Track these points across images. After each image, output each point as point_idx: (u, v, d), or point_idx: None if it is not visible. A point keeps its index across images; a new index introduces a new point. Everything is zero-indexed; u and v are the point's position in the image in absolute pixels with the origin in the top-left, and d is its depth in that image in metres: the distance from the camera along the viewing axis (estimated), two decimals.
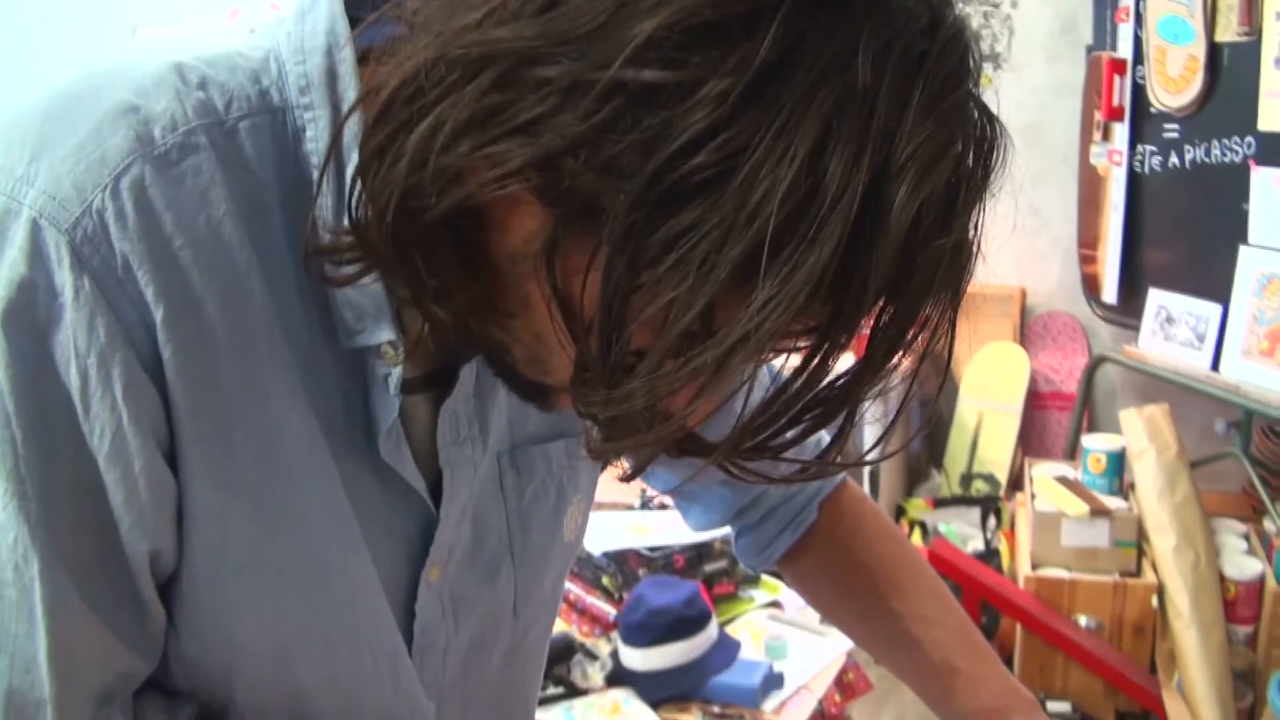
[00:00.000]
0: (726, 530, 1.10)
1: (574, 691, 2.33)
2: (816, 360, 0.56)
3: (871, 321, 0.57)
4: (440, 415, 0.73)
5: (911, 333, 0.57)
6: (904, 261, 0.53)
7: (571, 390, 0.59)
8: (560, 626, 2.51)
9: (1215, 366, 3.33)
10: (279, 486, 0.67)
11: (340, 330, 0.67)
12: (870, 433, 0.68)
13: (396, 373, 0.67)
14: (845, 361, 0.57)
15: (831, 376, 0.58)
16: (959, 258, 0.57)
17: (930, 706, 1.00)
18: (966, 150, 0.55)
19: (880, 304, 0.56)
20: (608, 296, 0.54)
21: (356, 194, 0.60)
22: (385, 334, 0.66)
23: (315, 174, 0.64)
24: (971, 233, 0.57)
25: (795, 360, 0.58)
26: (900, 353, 0.58)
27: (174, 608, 0.69)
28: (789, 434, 0.59)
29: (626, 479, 0.63)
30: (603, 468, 0.94)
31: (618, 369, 0.55)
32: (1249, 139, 3.24)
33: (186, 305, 0.62)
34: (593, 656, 2.38)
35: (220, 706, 0.72)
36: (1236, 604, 3.26)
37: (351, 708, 0.75)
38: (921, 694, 1.02)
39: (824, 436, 0.64)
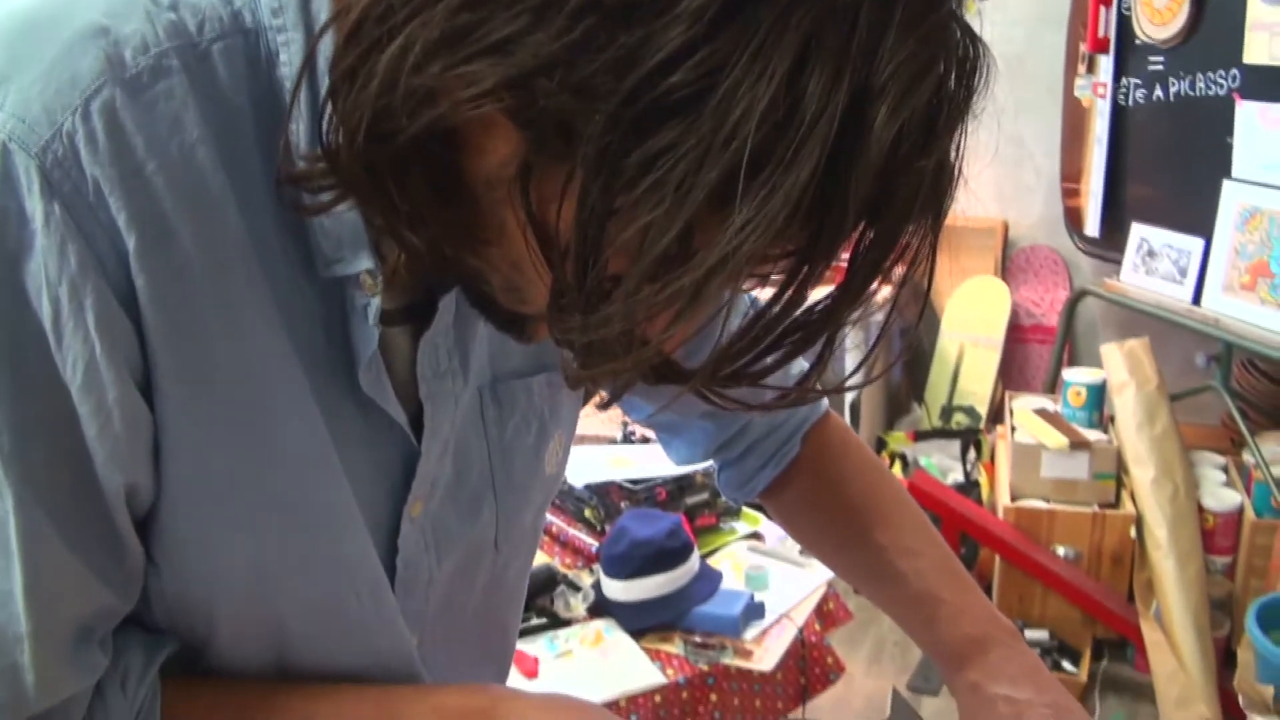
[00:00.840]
0: (708, 463, 1.10)
1: (557, 622, 2.35)
2: (795, 285, 0.55)
3: (851, 247, 0.56)
4: (420, 348, 0.72)
5: (892, 257, 0.56)
6: (884, 183, 0.52)
7: (548, 317, 0.58)
8: (543, 558, 2.52)
9: (1196, 300, 3.34)
10: (258, 419, 0.66)
11: (318, 260, 0.66)
12: (852, 361, 0.68)
13: (375, 302, 0.66)
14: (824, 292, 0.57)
15: (811, 302, 0.57)
16: (940, 180, 0.56)
17: (912, 636, 1.01)
18: (949, 70, 0.54)
19: (860, 228, 0.55)
20: (583, 221, 0.53)
21: (328, 117, 0.59)
22: (363, 263, 0.65)
23: (289, 98, 0.62)
24: (953, 155, 0.56)
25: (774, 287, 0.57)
26: (880, 277, 0.57)
27: (153, 543, 0.68)
28: (768, 360, 0.58)
29: (604, 406, 0.62)
30: (584, 401, 0.93)
31: (594, 294, 0.54)
32: (1234, 72, 3.23)
33: (159, 233, 0.60)
34: (575, 588, 2.39)
35: (202, 642, 0.72)
36: (1214, 535, 3.30)
37: (333, 641, 0.75)
38: (903, 624, 1.02)
39: (804, 364, 0.63)
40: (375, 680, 0.77)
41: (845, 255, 0.57)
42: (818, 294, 0.58)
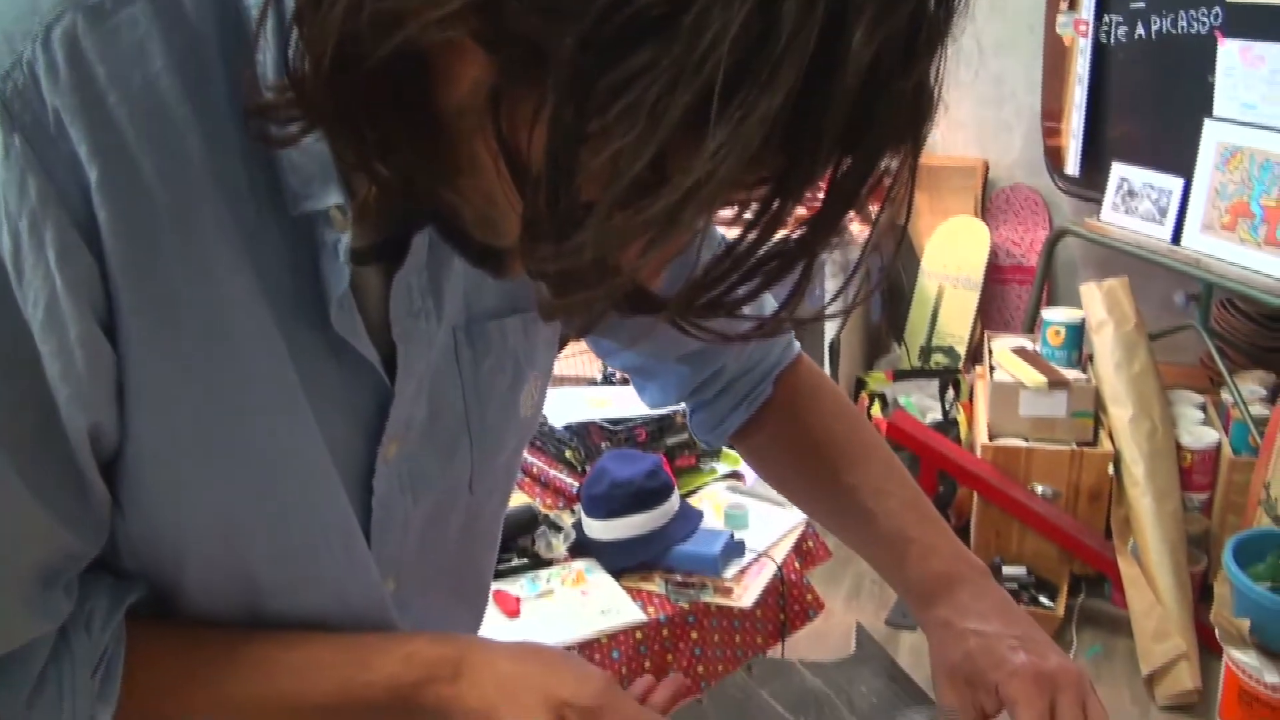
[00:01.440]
0: (681, 405, 1.10)
1: (538, 562, 2.36)
2: (771, 212, 0.54)
3: (829, 175, 0.55)
4: (393, 287, 0.71)
5: (869, 184, 0.55)
6: (862, 106, 0.50)
7: (520, 247, 0.57)
8: (523, 499, 2.53)
9: (1176, 240, 3.35)
10: (225, 360, 0.65)
11: (286, 197, 0.64)
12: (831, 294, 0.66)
13: (345, 238, 0.64)
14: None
15: (787, 230, 0.56)
16: (919, 104, 0.54)
17: (883, 575, 1.02)
18: None
19: (838, 153, 0.54)
20: (554, 148, 0.52)
21: (294, 44, 0.57)
22: (332, 197, 0.63)
23: (254, 26, 0.61)
24: (932, 79, 0.55)
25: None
26: (858, 203, 0.56)
27: (120, 488, 0.67)
28: (743, 289, 0.57)
29: (578, 335, 0.61)
30: (560, 345, 0.92)
31: (566, 222, 0.53)
32: (1215, 9, 3.21)
33: (122, 165, 0.59)
34: (556, 528, 2.40)
35: (171, 590, 0.71)
36: (1192, 472, 3.32)
37: (304, 589, 0.74)
38: (874, 563, 1.03)
39: (771, 298, 0.62)
40: (347, 628, 0.77)
41: (822, 189, 0.56)
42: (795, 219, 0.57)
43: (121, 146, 0.59)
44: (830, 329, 3.73)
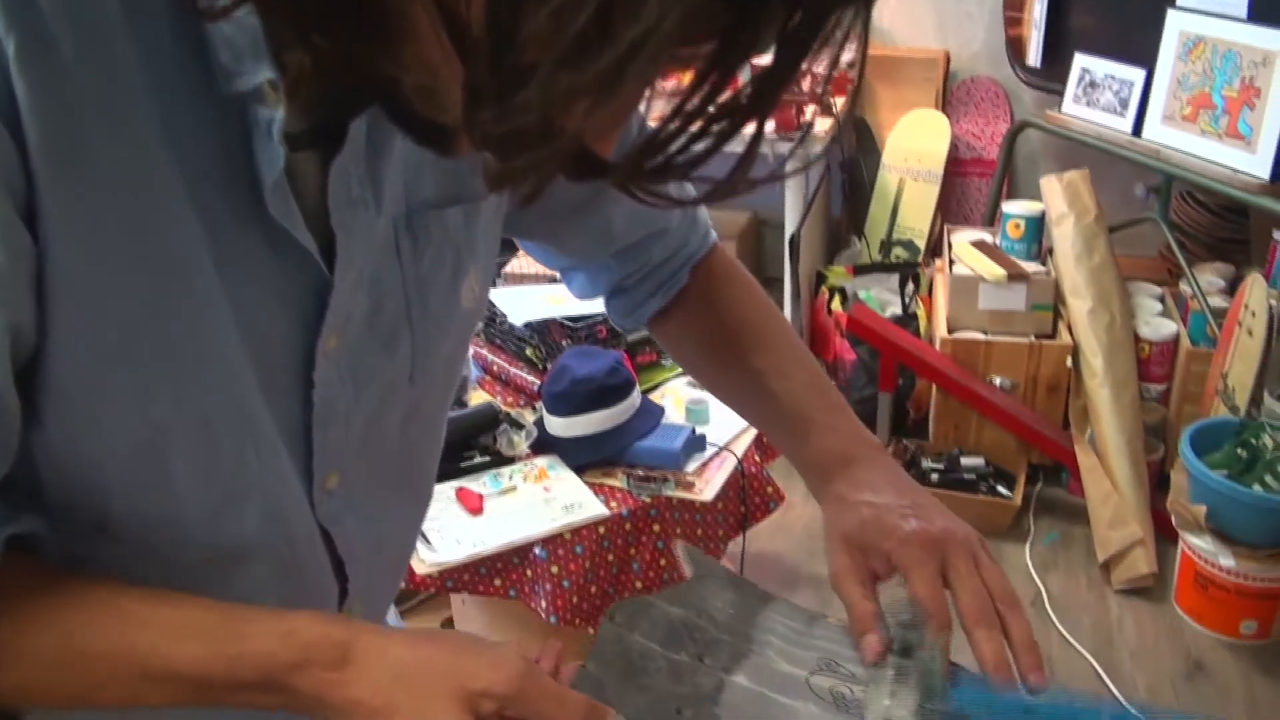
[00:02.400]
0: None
1: (501, 460, 2.36)
2: (720, 68, 0.51)
3: (779, 29, 0.52)
4: (330, 175, 0.68)
5: (821, 37, 0.52)
6: None
7: (464, 114, 0.54)
8: (485, 397, 2.52)
9: (1137, 131, 3.33)
10: (151, 252, 0.62)
11: (218, 75, 0.61)
12: (791, 200, 0.64)
13: (279, 116, 0.61)
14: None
15: (737, 89, 0.54)
16: None
17: (786, 455, 1.04)
18: None
19: (787, 7, 0.51)
20: (494, 6, 0.50)
21: None
22: (264, 73, 0.60)
23: None
24: None
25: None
26: (809, 58, 0.53)
27: (38, 397, 0.63)
28: (693, 151, 0.55)
29: (525, 203, 0.58)
30: (500, 237, 0.90)
31: (510, 83, 0.50)
32: None
33: (39, 39, 0.55)
34: (518, 426, 2.40)
35: (97, 522, 0.68)
36: (1150, 363, 3.35)
37: (231, 511, 0.71)
38: (777, 443, 1.05)
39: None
40: (276, 548, 0.74)
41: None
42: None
43: (38, 20, 0.55)
44: (790, 223, 3.70)
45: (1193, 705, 2.69)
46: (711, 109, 0.53)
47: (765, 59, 0.53)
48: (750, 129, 0.55)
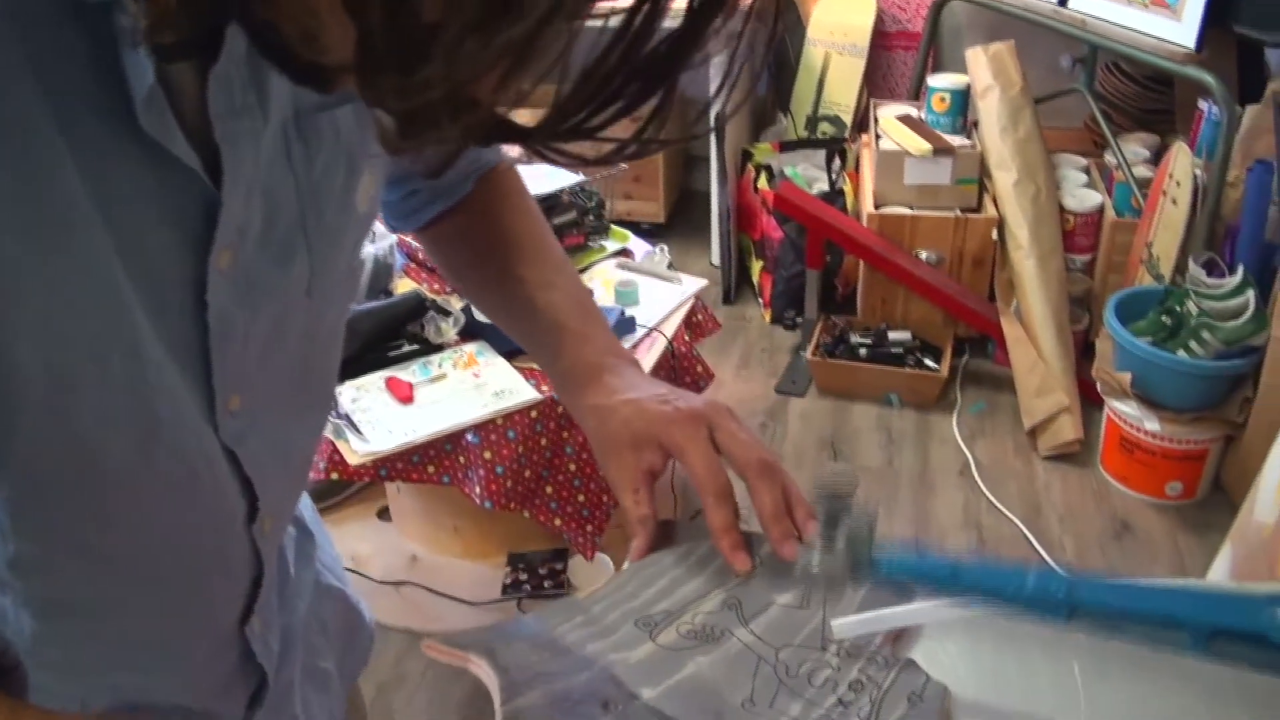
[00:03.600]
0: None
1: (429, 348, 2.33)
2: (639, 21, 0.49)
3: None
4: (210, 84, 0.63)
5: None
6: None
7: (357, 79, 0.51)
8: (410, 285, 2.49)
9: (1062, 2, 3.31)
10: (20, 189, 0.57)
11: None
12: (715, 75, 0.62)
13: (144, 25, 0.57)
14: None
15: (655, 41, 0.51)
16: None
17: (543, 367, 1.04)
18: None
19: None
20: None
21: None
22: None
23: None
24: None
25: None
26: (725, 12, 0.51)
27: None
28: (609, 111, 0.53)
29: (430, 175, 0.55)
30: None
31: (410, 51, 0.47)
32: None
33: None
34: (445, 313, 2.37)
35: (14, 494, 0.63)
36: (1075, 234, 3.38)
37: (131, 436, 0.68)
38: (535, 355, 1.05)
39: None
40: (181, 475, 0.72)
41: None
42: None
43: None
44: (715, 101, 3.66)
45: (1120, 565, 2.77)
46: (627, 69, 0.51)
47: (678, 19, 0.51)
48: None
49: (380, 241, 2.48)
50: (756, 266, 3.98)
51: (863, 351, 3.41)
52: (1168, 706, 0.77)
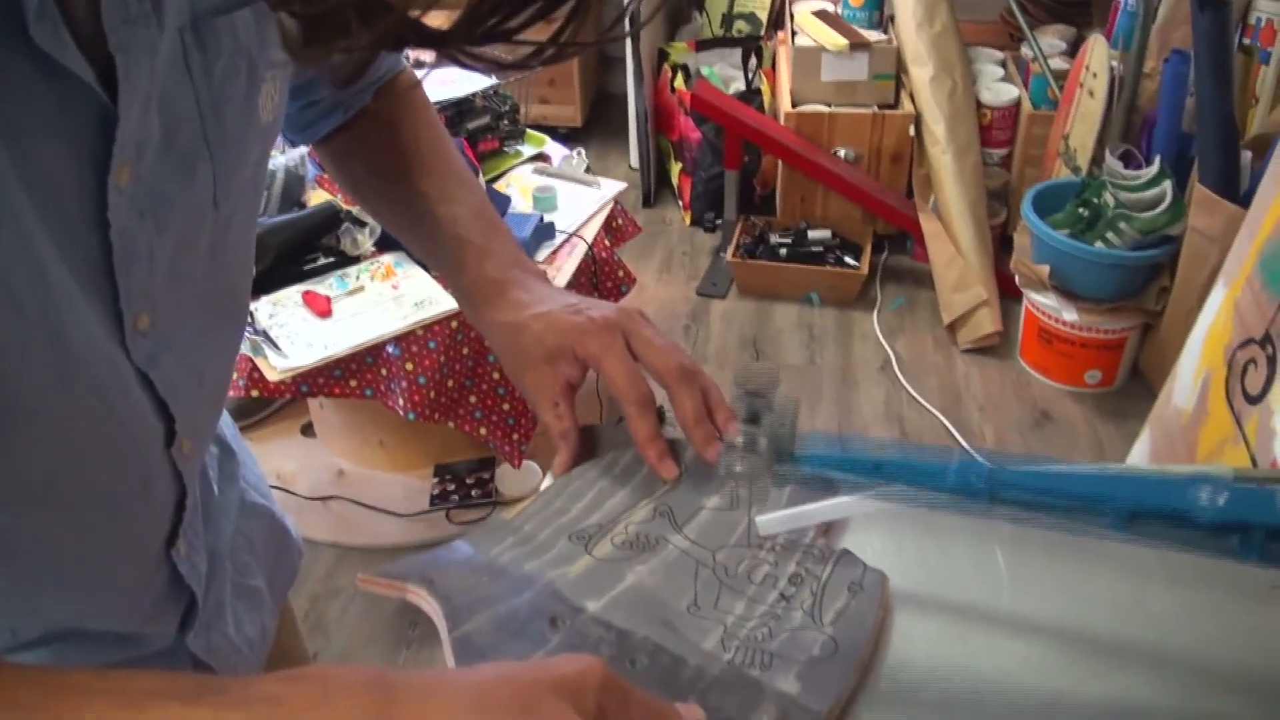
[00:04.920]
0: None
1: (346, 260, 2.30)
2: None
3: None
4: None
5: None
6: None
7: None
8: (324, 196, 2.44)
9: None
10: None
11: None
12: None
13: None
14: None
15: None
16: None
17: (446, 282, 1.03)
18: None
19: None
20: None
21: None
22: None
23: None
24: None
25: None
26: None
27: None
28: (527, 13, 0.52)
29: (341, 85, 0.53)
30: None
31: None
32: None
33: None
34: (360, 224, 2.33)
35: None
36: (992, 128, 3.39)
37: (42, 364, 0.66)
38: (438, 269, 1.03)
39: None
40: (93, 402, 0.70)
41: None
42: None
43: None
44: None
45: (1040, 452, 2.82)
46: None
47: None
48: None
49: (290, 152, 2.43)
50: (675, 169, 3.96)
51: (783, 251, 3.41)
52: (1091, 586, 0.78)
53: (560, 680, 0.56)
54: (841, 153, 3.42)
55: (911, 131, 3.36)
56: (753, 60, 3.87)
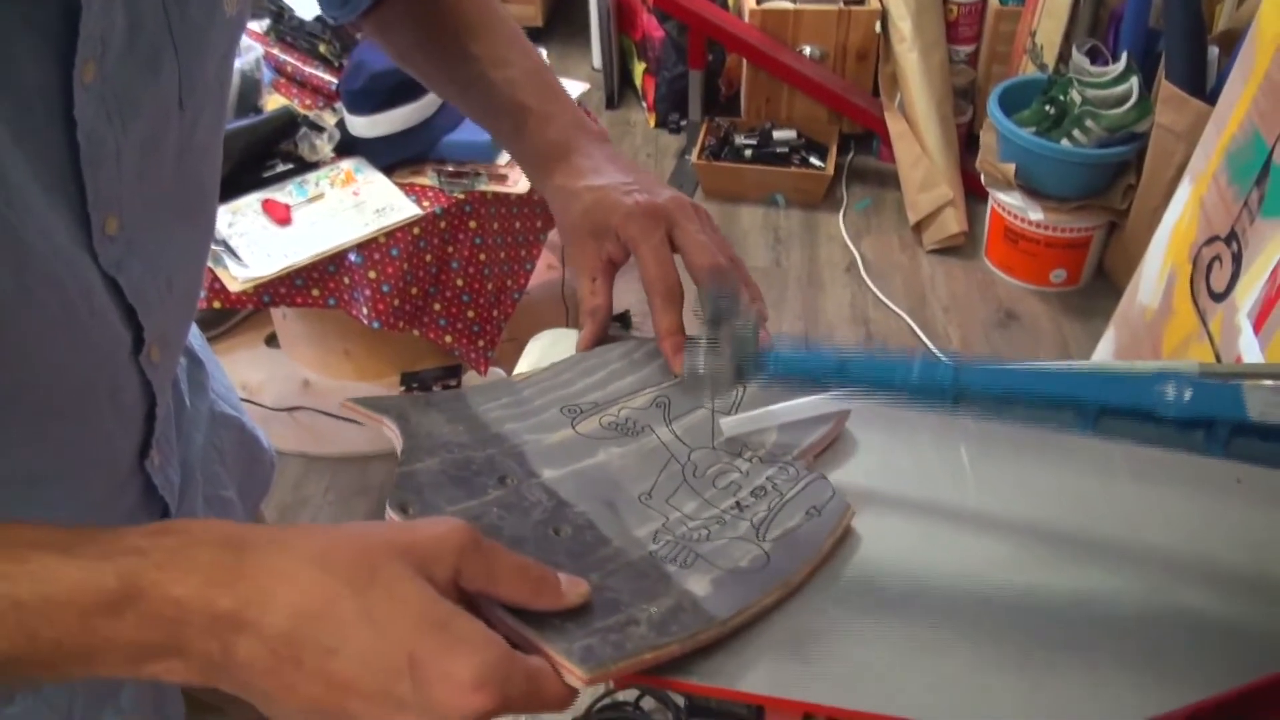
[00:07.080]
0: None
1: (305, 166, 2.26)
2: None
3: None
4: None
5: None
6: None
7: None
8: (281, 101, 2.40)
9: None
10: None
11: None
12: None
13: None
14: None
15: None
16: None
17: (507, 149, 1.01)
18: None
19: None
20: None
21: None
22: None
23: None
24: None
25: None
26: None
27: None
28: None
29: None
30: None
31: None
32: None
33: None
34: (319, 129, 2.29)
35: None
36: (958, 25, 3.35)
37: (7, 270, 0.64)
38: (496, 134, 1.02)
39: None
40: (58, 309, 0.68)
41: None
42: None
43: None
44: None
45: (1005, 351, 2.84)
46: None
47: None
48: None
49: (245, 55, 2.37)
50: (639, 69, 3.91)
51: (748, 153, 3.39)
52: (1057, 482, 0.79)
53: (411, 545, 0.58)
54: (807, 50, 3.38)
55: (878, 28, 3.32)
56: None
